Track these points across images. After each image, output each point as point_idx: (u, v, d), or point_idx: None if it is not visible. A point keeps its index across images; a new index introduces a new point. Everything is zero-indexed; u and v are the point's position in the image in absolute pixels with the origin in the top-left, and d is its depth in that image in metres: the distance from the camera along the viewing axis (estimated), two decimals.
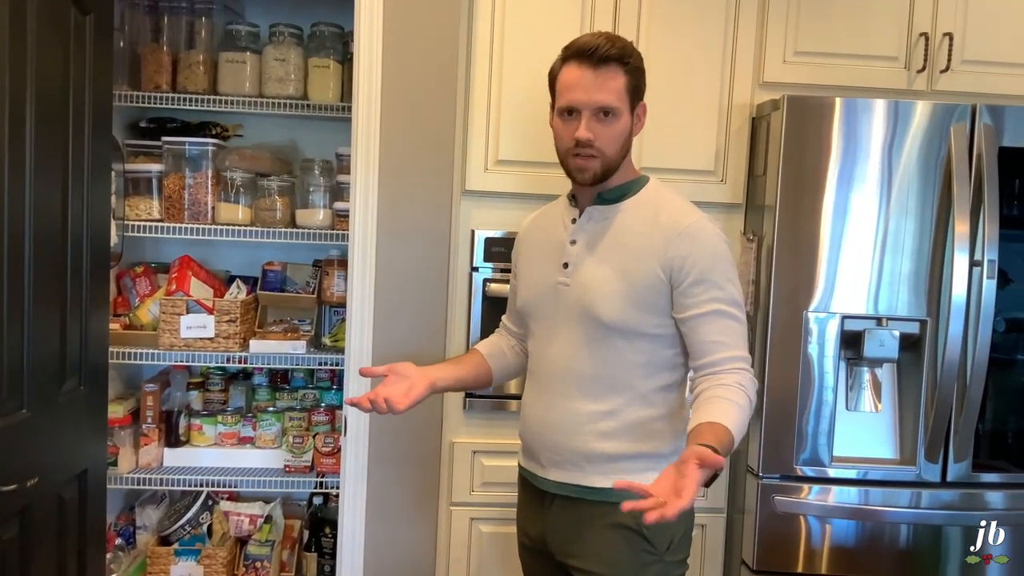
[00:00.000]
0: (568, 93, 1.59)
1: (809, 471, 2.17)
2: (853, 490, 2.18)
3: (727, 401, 1.48)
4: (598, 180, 1.61)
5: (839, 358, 2.16)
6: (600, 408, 1.61)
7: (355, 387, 2.23)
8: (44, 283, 1.80)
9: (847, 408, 2.19)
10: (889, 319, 2.15)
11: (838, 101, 2.12)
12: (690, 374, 1.64)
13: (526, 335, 1.79)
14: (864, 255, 2.15)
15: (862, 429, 2.20)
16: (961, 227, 2.08)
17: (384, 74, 2.17)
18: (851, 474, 2.18)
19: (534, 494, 1.73)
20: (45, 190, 1.79)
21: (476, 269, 2.30)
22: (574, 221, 1.68)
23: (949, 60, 2.29)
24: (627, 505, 1.25)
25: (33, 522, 1.79)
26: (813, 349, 2.15)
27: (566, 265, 1.66)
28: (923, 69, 2.29)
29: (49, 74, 1.78)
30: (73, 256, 1.94)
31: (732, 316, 1.57)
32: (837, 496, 2.18)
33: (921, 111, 2.12)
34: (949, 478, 2.18)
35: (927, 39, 2.28)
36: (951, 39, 2.28)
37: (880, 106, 2.12)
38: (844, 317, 2.15)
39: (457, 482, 2.31)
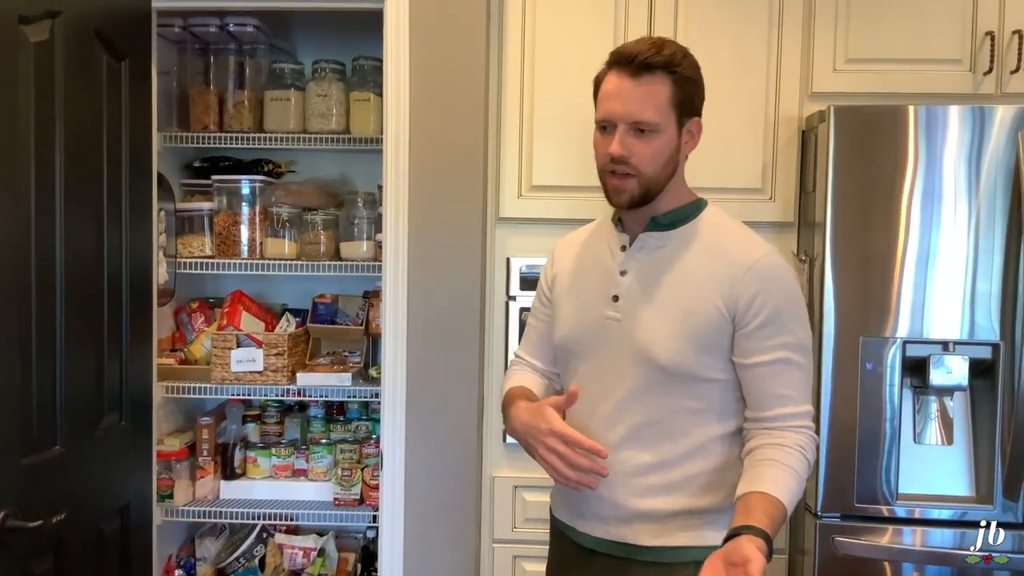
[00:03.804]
0: (605, 104, 1.44)
1: (875, 510, 2.00)
2: (923, 530, 1.99)
3: (784, 468, 1.34)
4: (636, 203, 1.44)
5: (902, 386, 1.99)
6: (652, 459, 1.45)
7: (391, 418, 2.21)
8: (78, 321, 1.85)
9: (914, 441, 2.01)
10: (957, 343, 1.97)
11: (911, 109, 1.97)
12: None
13: (564, 374, 1.60)
14: (927, 274, 1.98)
15: (931, 464, 2.02)
16: None
17: (412, 102, 2.17)
18: (919, 513, 2.00)
19: (572, 549, 1.56)
20: (77, 230, 1.84)
21: (513, 298, 2.24)
22: (624, 248, 1.51)
23: (1020, 60, 2.10)
24: None
25: (69, 556, 1.82)
26: (873, 377, 1.99)
27: (616, 298, 1.49)
28: (990, 71, 2.11)
29: (80, 118, 1.84)
30: (111, 294, 1.99)
31: (799, 365, 1.42)
32: (905, 538, 1.99)
33: (994, 118, 1.95)
34: None
35: (993, 38, 2.10)
36: (1021, 37, 2.09)
37: (943, 113, 1.96)
38: (906, 342, 1.98)
39: (499, 518, 2.25)
